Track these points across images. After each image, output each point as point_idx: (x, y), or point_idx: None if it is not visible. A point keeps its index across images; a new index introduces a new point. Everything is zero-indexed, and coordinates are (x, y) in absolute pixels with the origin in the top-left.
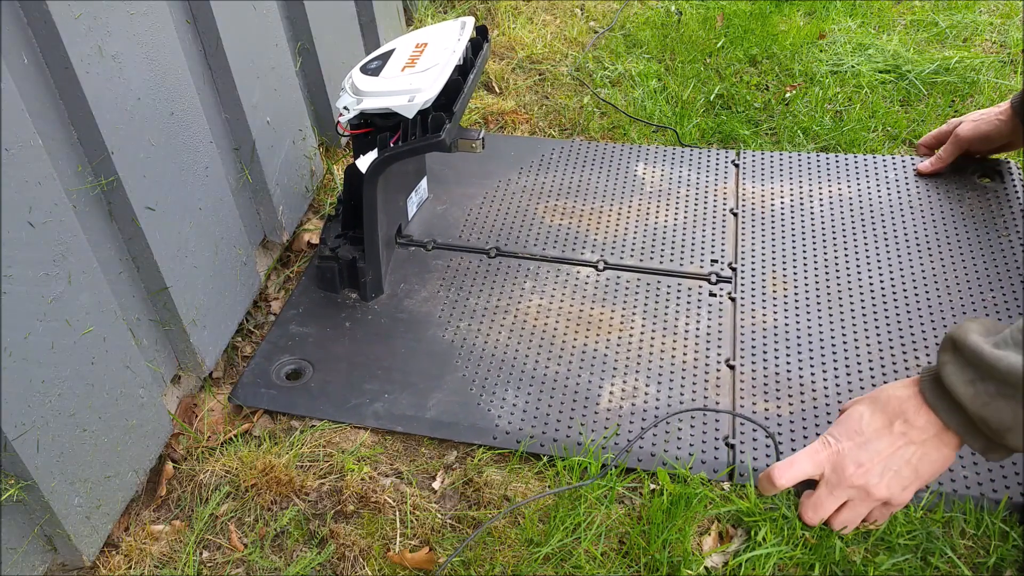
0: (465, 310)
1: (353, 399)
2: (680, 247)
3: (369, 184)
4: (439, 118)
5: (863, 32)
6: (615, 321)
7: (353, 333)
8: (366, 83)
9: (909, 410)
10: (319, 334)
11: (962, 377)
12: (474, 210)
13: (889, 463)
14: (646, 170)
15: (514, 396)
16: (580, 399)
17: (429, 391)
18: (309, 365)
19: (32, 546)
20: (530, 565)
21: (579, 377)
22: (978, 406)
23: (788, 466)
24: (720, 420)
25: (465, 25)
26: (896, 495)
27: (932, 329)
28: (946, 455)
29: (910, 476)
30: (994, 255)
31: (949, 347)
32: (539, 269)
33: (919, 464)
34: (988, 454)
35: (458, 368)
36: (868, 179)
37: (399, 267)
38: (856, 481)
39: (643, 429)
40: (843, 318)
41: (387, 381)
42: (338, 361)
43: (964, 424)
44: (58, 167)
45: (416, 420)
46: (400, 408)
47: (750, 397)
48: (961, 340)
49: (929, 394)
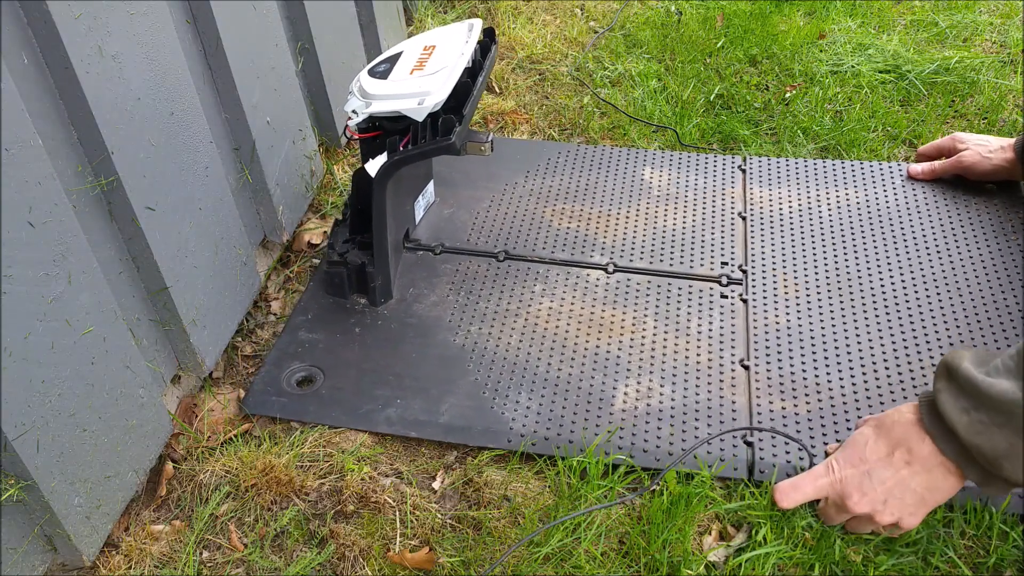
0: (475, 314)
1: (365, 405)
2: (690, 250)
3: (379, 188)
4: (449, 121)
5: (863, 32)
6: (627, 323)
7: (363, 339)
8: (375, 86)
9: (912, 437)
10: (329, 340)
11: (956, 405)
12: (481, 213)
13: (893, 491)
14: (652, 174)
15: (527, 399)
16: (595, 401)
17: (441, 396)
18: (320, 372)
19: (32, 546)
20: (530, 565)
21: (592, 379)
22: (972, 434)
23: (792, 489)
24: (737, 419)
25: (473, 27)
26: (903, 520)
27: (945, 329)
28: (952, 483)
29: (915, 503)
30: (1003, 257)
31: (943, 375)
32: (548, 272)
33: (925, 492)
34: (986, 487)
35: (470, 372)
36: (874, 185)
37: (407, 271)
38: (860, 509)
39: (689, 446)
40: (855, 319)
41: (398, 387)
42: (349, 367)
43: (960, 453)
44: (58, 167)
45: (429, 425)
46: (413, 413)
47: (766, 397)
48: (954, 368)
49: (927, 421)
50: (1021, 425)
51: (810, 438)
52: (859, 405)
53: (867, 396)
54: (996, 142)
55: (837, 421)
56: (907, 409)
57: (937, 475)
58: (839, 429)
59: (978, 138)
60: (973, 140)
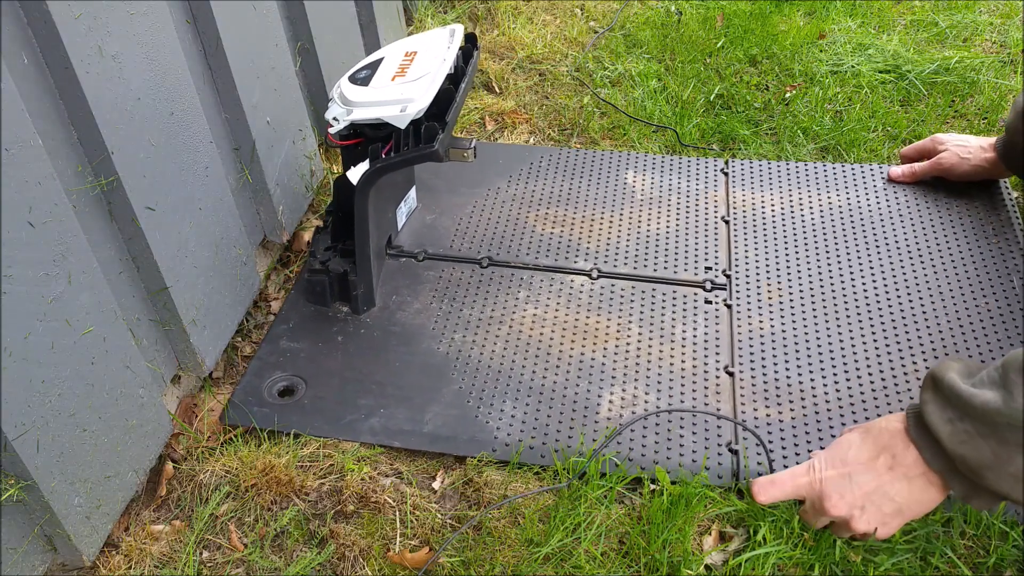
0: (459, 321)
1: (348, 415)
2: (674, 255)
3: (361, 196)
4: (432, 128)
5: (863, 32)
6: (611, 329)
7: (346, 347)
8: (356, 93)
9: (898, 445)
10: (311, 349)
11: (942, 416)
12: (464, 219)
13: (871, 497)
14: (636, 178)
15: (512, 407)
16: (580, 408)
17: (425, 405)
18: (302, 381)
19: (32, 546)
20: (530, 565)
21: (578, 386)
22: (956, 444)
23: (770, 484)
24: (722, 427)
25: (455, 33)
26: (879, 529)
27: (928, 334)
28: (932, 496)
29: (892, 512)
30: (984, 261)
31: (930, 386)
32: (532, 278)
33: (904, 502)
34: (970, 499)
35: (454, 380)
36: (857, 187)
37: (390, 279)
38: (836, 512)
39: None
40: (839, 324)
41: (382, 396)
42: (331, 376)
43: (945, 464)
44: (58, 167)
45: (413, 435)
46: (396, 423)
47: (751, 403)
48: (940, 378)
49: (913, 431)
50: (1005, 435)
51: (794, 445)
52: (843, 411)
53: (851, 402)
54: (975, 142)
55: (821, 428)
56: (894, 418)
57: (918, 485)
58: (823, 435)
59: (957, 138)
60: (952, 141)
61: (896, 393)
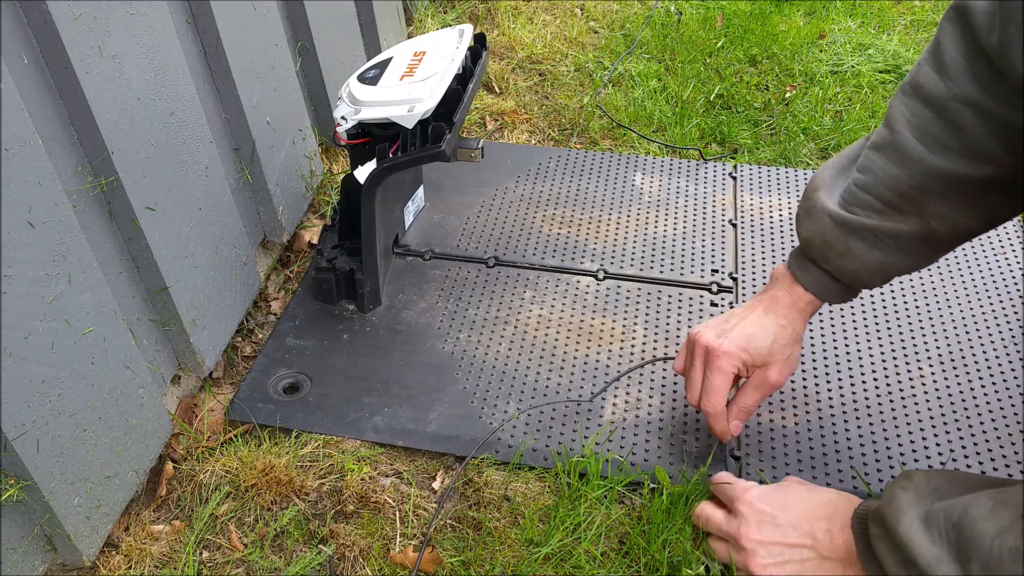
0: (464, 321)
1: (352, 413)
2: (680, 257)
3: (368, 195)
4: (440, 128)
5: (863, 32)
6: (616, 331)
7: (351, 345)
8: (364, 92)
9: (835, 527)
10: (316, 347)
11: (893, 560)
12: (471, 219)
13: (784, 554)
14: (644, 180)
15: (516, 408)
16: (583, 410)
17: (430, 404)
18: (307, 379)
19: (32, 546)
20: (530, 565)
21: (582, 389)
22: None
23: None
24: None
25: (463, 33)
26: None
27: (933, 338)
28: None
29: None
30: (991, 267)
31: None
32: (539, 279)
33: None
34: None
35: (459, 380)
36: None
37: (396, 277)
38: (746, 544)
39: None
40: (844, 328)
41: (386, 394)
42: (336, 374)
43: None
44: (58, 167)
45: (417, 434)
46: (400, 422)
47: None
48: (893, 528)
49: (861, 549)
50: None
51: (797, 452)
52: (847, 417)
53: (855, 408)
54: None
55: (825, 434)
56: (844, 499)
57: (832, 568)
58: (827, 441)
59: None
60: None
61: (901, 399)
